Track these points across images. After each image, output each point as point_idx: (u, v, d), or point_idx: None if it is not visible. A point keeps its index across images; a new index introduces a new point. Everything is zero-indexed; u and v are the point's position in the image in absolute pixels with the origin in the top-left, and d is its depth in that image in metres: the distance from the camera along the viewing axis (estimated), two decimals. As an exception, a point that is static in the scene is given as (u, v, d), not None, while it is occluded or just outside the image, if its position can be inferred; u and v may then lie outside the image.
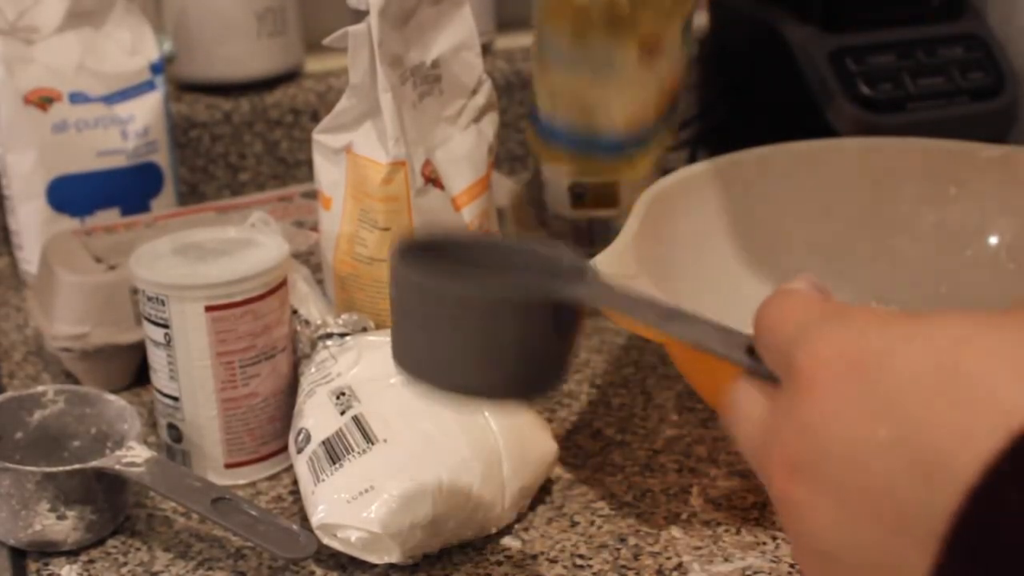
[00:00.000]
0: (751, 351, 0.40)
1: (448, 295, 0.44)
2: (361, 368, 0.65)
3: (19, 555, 0.64)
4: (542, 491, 0.66)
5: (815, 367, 0.35)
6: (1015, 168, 0.76)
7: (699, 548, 0.61)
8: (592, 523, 0.64)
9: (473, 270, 0.46)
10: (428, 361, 0.46)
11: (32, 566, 0.62)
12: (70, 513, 0.62)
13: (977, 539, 0.31)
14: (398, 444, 0.61)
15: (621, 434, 0.72)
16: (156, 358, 0.67)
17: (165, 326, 0.66)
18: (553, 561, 0.61)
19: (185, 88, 1.06)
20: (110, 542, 0.64)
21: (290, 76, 1.07)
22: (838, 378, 0.35)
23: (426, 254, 0.46)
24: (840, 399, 0.35)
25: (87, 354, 0.77)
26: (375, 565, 0.60)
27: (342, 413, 0.63)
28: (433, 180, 0.71)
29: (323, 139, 0.72)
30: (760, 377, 0.40)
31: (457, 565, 0.61)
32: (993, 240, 0.77)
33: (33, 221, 0.92)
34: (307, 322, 0.69)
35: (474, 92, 0.73)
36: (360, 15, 0.68)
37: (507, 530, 0.63)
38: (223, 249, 0.68)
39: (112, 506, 0.63)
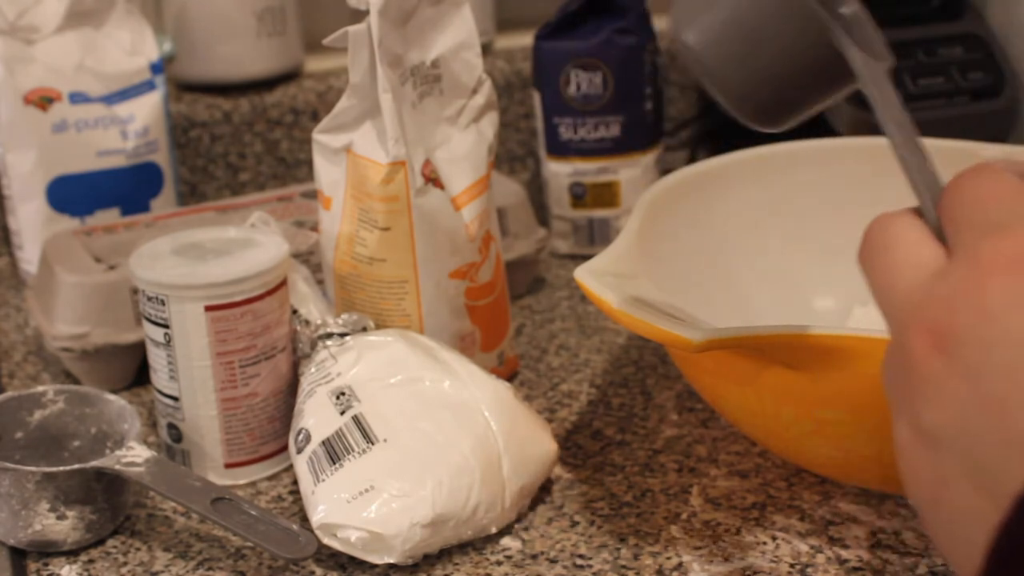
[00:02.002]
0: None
1: None
2: (361, 368, 0.65)
3: (19, 555, 0.64)
4: (542, 491, 0.66)
5: (1012, 260, 0.34)
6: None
7: (699, 548, 0.61)
8: (592, 523, 0.64)
9: None
10: (711, 36, 0.47)
11: (32, 566, 0.62)
12: (70, 513, 0.62)
13: None
14: (398, 444, 0.61)
15: (621, 434, 0.72)
16: (156, 358, 0.67)
17: (165, 326, 0.66)
18: (553, 561, 0.61)
19: (185, 88, 1.06)
20: (110, 542, 0.64)
21: (290, 76, 1.07)
22: None
23: None
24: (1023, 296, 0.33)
25: (87, 354, 0.77)
26: (375, 565, 0.60)
27: (342, 413, 0.63)
28: (433, 180, 0.71)
29: (323, 139, 0.72)
30: (936, 235, 0.39)
31: (457, 565, 0.61)
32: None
33: (33, 221, 0.92)
34: (307, 322, 0.69)
35: (474, 92, 0.73)
36: (360, 15, 0.68)
37: (507, 530, 0.63)
38: (223, 249, 0.68)
39: (112, 506, 0.63)
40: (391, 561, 0.59)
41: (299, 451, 0.64)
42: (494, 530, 0.62)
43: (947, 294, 0.35)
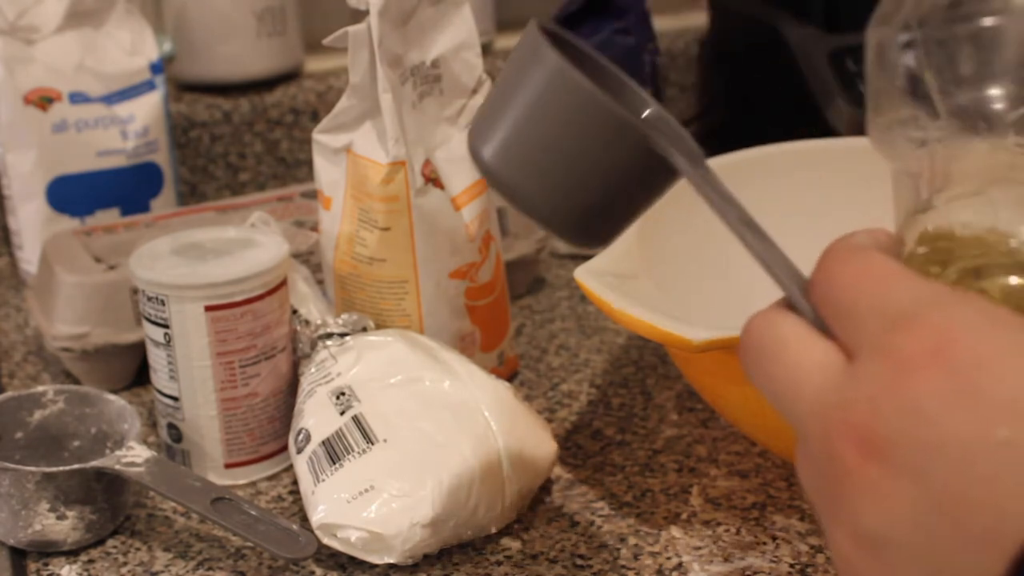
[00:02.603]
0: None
1: (580, 90, 0.42)
2: (361, 368, 0.65)
3: (19, 555, 0.64)
4: (542, 491, 0.66)
5: (932, 352, 0.32)
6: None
7: (699, 548, 0.61)
8: (592, 523, 0.64)
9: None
10: (508, 146, 0.44)
11: (32, 566, 0.62)
12: (70, 513, 0.62)
13: None
14: (398, 444, 0.61)
15: (621, 434, 0.72)
16: (156, 358, 0.67)
17: (165, 326, 0.66)
18: (553, 561, 0.61)
19: (185, 88, 1.06)
20: (110, 542, 0.64)
21: (290, 76, 1.07)
22: (957, 369, 0.32)
23: (564, 48, 0.45)
24: (956, 392, 0.32)
25: (87, 354, 0.77)
26: (375, 565, 0.60)
27: (342, 413, 0.63)
28: (433, 180, 0.71)
29: (323, 139, 0.72)
30: (818, 329, 0.37)
31: (457, 565, 0.61)
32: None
33: (33, 221, 0.92)
34: (307, 322, 0.69)
35: (474, 92, 0.73)
36: (360, 15, 0.68)
37: (507, 530, 0.63)
38: (223, 249, 0.68)
39: (112, 506, 0.63)
40: (391, 561, 0.59)
41: (299, 451, 0.64)
42: (494, 530, 0.62)
43: (867, 395, 0.33)
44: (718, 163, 0.78)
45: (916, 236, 0.46)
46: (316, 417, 0.64)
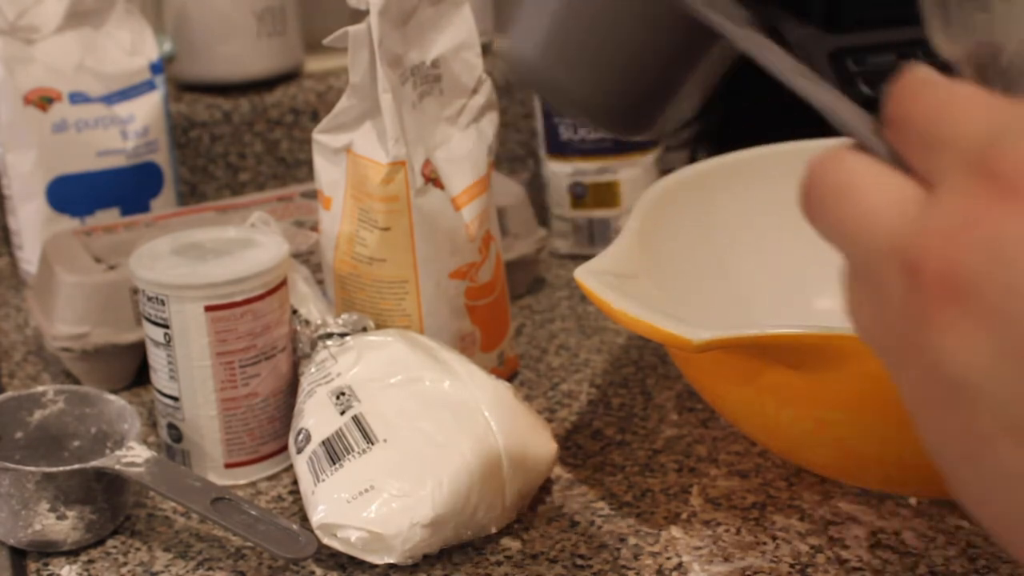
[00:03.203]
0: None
1: None
2: (361, 368, 0.65)
3: (19, 555, 0.64)
4: (542, 491, 0.66)
5: (1017, 185, 0.29)
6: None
7: (699, 548, 0.61)
8: (592, 523, 0.64)
9: None
10: (541, 37, 0.42)
11: (32, 566, 0.62)
12: (70, 513, 0.62)
13: None
14: (398, 444, 0.61)
15: (621, 434, 0.72)
16: (156, 358, 0.67)
17: (165, 326, 0.66)
18: (553, 561, 0.61)
19: (185, 88, 1.06)
20: (110, 542, 0.64)
21: (290, 76, 1.07)
22: None
23: None
24: None
25: (87, 354, 0.77)
26: (375, 565, 0.60)
27: (342, 413, 0.63)
28: (433, 180, 0.71)
29: (323, 139, 0.72)
30: (896, 165, 0.34)
31: (457, 565, 0.61)
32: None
33: (33, 221, 0.92)
34: (307, 322, 0.69)
35: (474, 92, 0.73)
36: (360, 15, 0.68)
37: (507, 530, 0.63)
38: (223, 249, 0.68)
39: (112, 506, 0.63)
40: (391, 561, 0.59)
41: (299, 451, 0.64)
42: (494, 530, 0.62)
43: (948, 228, 0.31)
44: (718, 163, 0.78)
45: None
46: (316, 417, 0.64)
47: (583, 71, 0.42)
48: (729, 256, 0.76)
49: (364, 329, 0.70)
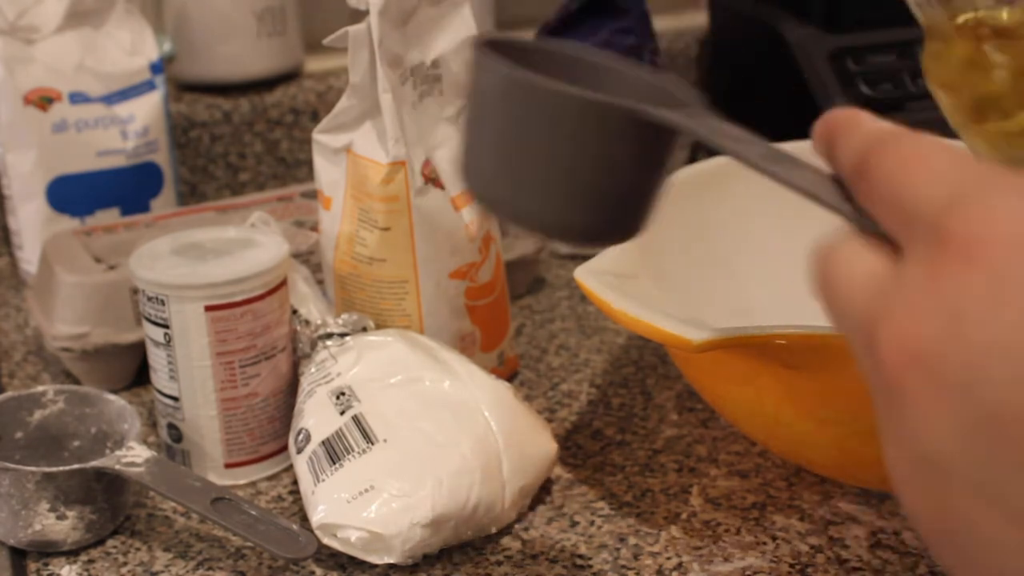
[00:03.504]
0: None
1: (537, 89, 0.39)
2: (361, 368, 0.65)
3: (19, 555, 0.64)
4: (542, 491, 0.66)
5: (983, 240, 0.29)
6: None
7: (699, 548, 0.61)
8: (592, 523, 0.64)
9: (561, 77, 0.42)
10: (499, 175, 0.41)
11: (32, 566, 0.62)
12: (70, 513, 0.62)
13: None
14: (398, 444, 0.61)
15: (621, 434, 0.72)
16: (156, 358, 0.67)
17: (165, 326, 0.66)
18: (553, 561, 0.61)
19: (185, 88, 1.06)
20: (110, 542, 0.64)
21: (290, 76, 1.07)
22: (995, 269, 0.28)
23: (511, 53, 0.42)
24: (1010, 283, 0.28)
25: (87, 354, 0.77)
26: (375, 565, 0.60)
27: (342, 413, 0.63)
28: (433, 180, 0.71)
29: (323, 139, 0.72)
30: (872, 236, 0.34)
31: (457, 565, 0.61)
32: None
33: (33, 221, 0.92)
34: (307, 322, 0.69)
35: (474, 92, 0.73)
36: (360, 15, 0.68)
37: (507, 530, 0.63)
38: (223, 249, 0.68)
39: (112, 506, 0.63)
40: (391, 561, 0.59)
41: (299, 451, 0.64)
42: (494, 530, 0.62)
43: (908, 299, 0.30)
44: (718, 163, 0.78)
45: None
46: (316, 417, 0.64)
47: (545, 196, 0.41)
48: (729, 256, 0.76)
49: (364, 329, 0.70)
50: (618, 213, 0.42)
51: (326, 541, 0.60)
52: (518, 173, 0.41)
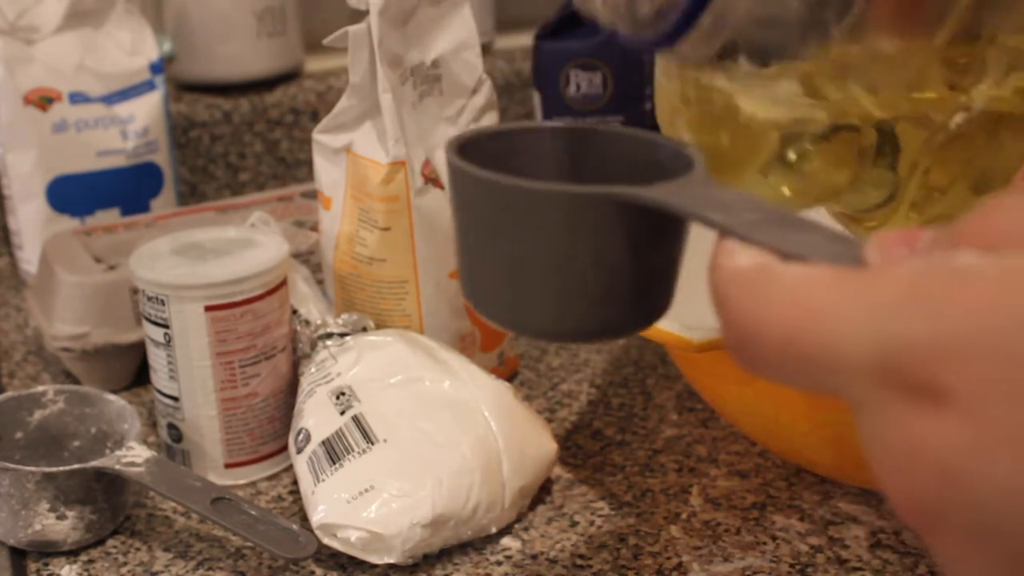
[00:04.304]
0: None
1: (501, 191, 0.36)
2: (361, 368, 0.65)
3: (19, 555, 0.64)
4: (542, 491, 0.66)
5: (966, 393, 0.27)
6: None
7: (699, 548, 0.61)
8: (592, 523, 0.64)
9: (540, 165, 0.40)
10: (495, 287, 0.38)
11: (32, 566, 0.62)
12: (70, 513, 0.62)
13: None
14: (398, 444, 0.61)
15: (621, 434, 0.72)
16: (156, 358, 0.67)
17: (165, 326, 0.66)
18: (553, 561, 0.61)
19: (185, 88, 1.06)
20: (110, 542, 0.64)
21: (290, 76, 1.07)
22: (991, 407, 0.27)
23: (493, 145, 0.40)
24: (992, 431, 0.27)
25: (87, 354, 0.77)
26: (375, 565, 0.60)
27: (342, 413, 0.63)
28: (433, 180, 0.71)
29: (323, 139, 0.72)
30: None
31: (457, 565, 0.61)
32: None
33: (33, 221, 0.92)
34: (307, 322, 0.70)
35: (474, 92, 0.73)
36: (360, 15, 0.68)
37: (507, 530, 0.63)
38: (223, 249, 0.68)
39: (112, 506, 0.63)
40: (391, 561, 0.59)
41: (299, 451, 0.64)
42: (494, 530, 0.62)
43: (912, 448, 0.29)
44: (718, 163, 0.78)
45: None
46: (316, 417, 0.64)
47: (557, 305, 0.38)
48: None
49: (364, 329, 0.70)
50: (631, 304, 0.39)
51: (326, 541, 0.60)
52: (511, 282, 0.38)
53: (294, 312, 0.70)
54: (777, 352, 0.32)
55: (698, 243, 0.41)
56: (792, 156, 0.49)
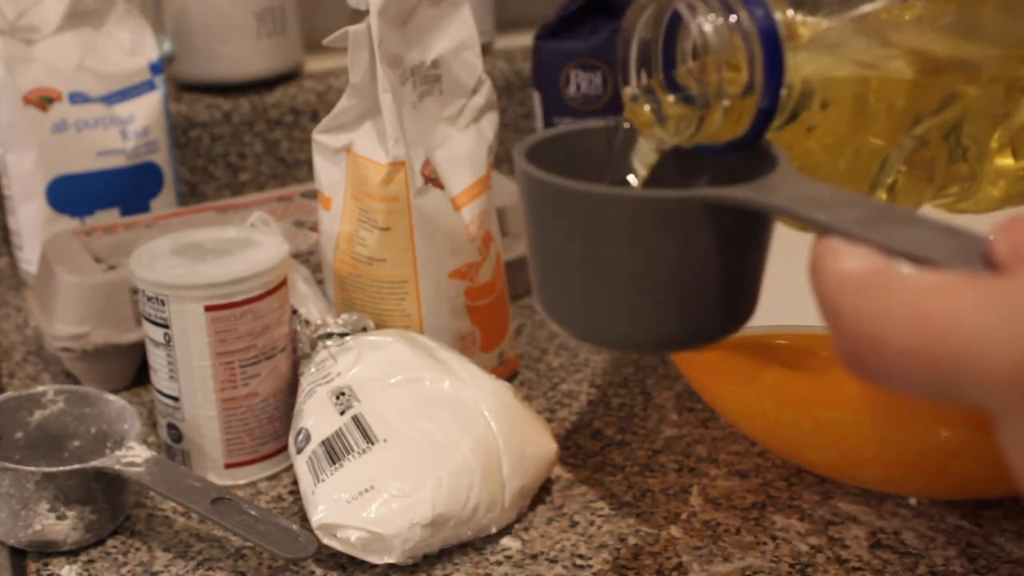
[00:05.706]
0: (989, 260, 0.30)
1: (591, 200, 0.35)
2: (361, 368, 0.65)
3: (19, 555, 0.64)
4: (542, 491, 0.66)
5: None
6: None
7: (699, 548, 0.61)
8: (592, 523, 0.64)
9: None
10: (574, 299, 0.36)
11: (32, 566, 0.62)
12: (70, 513, 0.62)
13: None
14: (398, 444, 0.61)
15: (621, 434, 0.72)
16: (156, 358, 0.67)
17: (165, 326, 0.66)
18: (553, 561, 0.61)
19: (185, 88, 1.06)
20: (110, 542, 0.64)
21: (290, 76, 1.07)
22: None
23: (564, 147, 0.38)
24: None
25: (87, 354, 0.77)
26: (375, 565, 0.60)
27: (342, 413, 0.63)
28: (433, 180, 0.71)
29: (323, 139, 0.72)
30: None
31: (457, 565, 0.61)
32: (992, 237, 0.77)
33: (33, 221, 0.92)
34: (307, 322, 0.70)
35: (474, 92, 0.73)
36: (360, 15, 0.68)
37: (507, 530, 0.63)
38: (223, 249, 0.68)
39: (112, 506, 0.63)
40: (391, 561, 0.59)
41: (299, 451, 0.64)
42: (494, 530, 0.62)
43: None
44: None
45: None
46: (316, 417, 0.64)
47: (637, 315, 0.36)
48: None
49: (364, 329, 0.70)
50: (718, 309, 0.38)
51: (326, 541, 0.60)
52: (586, 292, 0.37)
53: (294, 312, 0.70)
54: (901, 362, 0.31)
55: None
56: (888, 180, 0.47)
